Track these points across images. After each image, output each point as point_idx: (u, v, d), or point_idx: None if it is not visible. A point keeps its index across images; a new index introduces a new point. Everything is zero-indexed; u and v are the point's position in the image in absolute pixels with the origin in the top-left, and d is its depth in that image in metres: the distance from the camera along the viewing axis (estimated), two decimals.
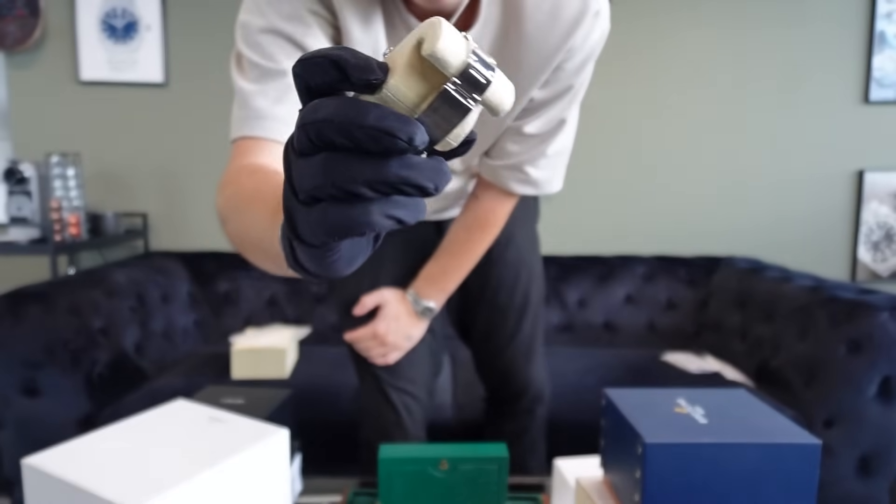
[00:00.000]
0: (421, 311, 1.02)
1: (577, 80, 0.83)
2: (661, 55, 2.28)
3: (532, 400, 1.19)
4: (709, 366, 1.72)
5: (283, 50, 0.71)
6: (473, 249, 1.00)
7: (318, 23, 0.71)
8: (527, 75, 0.78)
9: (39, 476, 0.54)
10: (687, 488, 0.53)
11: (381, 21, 0.74)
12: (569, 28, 0.74)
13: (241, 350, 1.61)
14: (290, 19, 0.71)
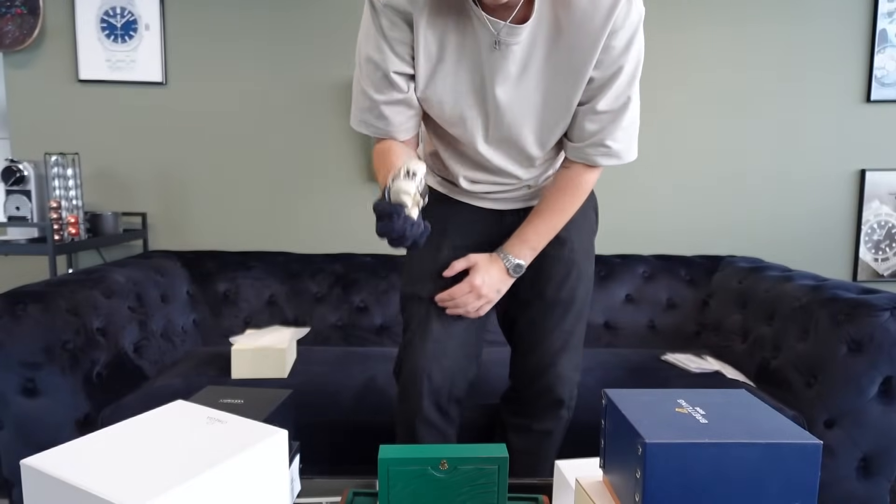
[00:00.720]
0: (512, 268, 1.13)
1: (626, 59, 0.97)
2: (662, 55, 2.27)
3: (558, 401, 1.22)
4: (709, 366, 1.72)
5: (376, 74, 1.01)
6: (564, 210, 1.13)
7: (394, 46, 0.98)
8: (581, 56, 0.95)
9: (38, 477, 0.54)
10: (687, 488, 0.53)
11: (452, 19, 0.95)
12: (608, 13, 0.91)
13: (240, 350, 1.61)
14: (375, 49, 0.99)
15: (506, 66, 0.97)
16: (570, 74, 0.97)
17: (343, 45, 2.23)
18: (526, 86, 1.00)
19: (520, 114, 1.03)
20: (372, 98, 1.02)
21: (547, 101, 1.01)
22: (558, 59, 0.96)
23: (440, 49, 0.98)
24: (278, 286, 2.09)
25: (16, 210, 1.90)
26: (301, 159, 2.28)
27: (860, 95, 2.31)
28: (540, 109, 1.03)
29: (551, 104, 1.01)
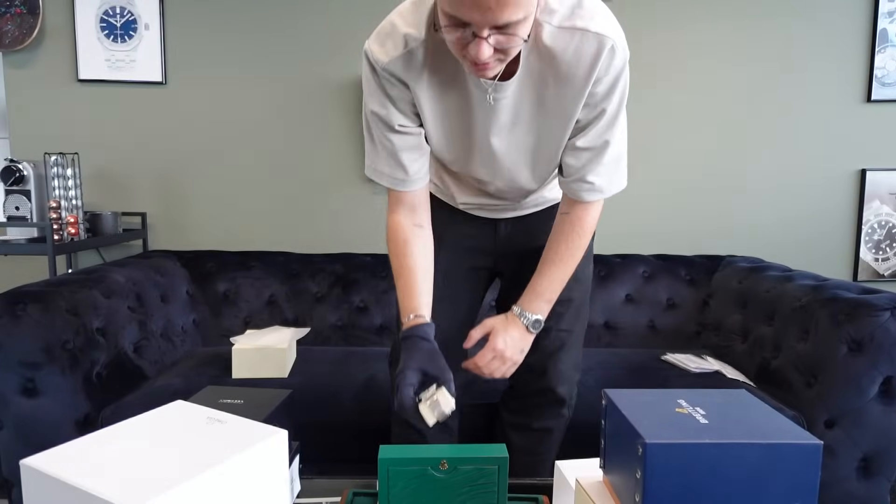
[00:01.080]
0: (531, 325, 1.12)
1: (608, 103, 0.99)
2: (662, 55, 2.27)
3: (559, 400, 1.24)
4: (709, 366, 1.71)
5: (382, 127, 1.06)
6: (573, 256, 1.13)
7: (396, 102, 1.03)
8: (568, 104, 0.99)
9: (38, 477, 0.54)
10: (687, 488, 0.53)
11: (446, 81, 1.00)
12: (591, 63, 0.94)
13: (240, 350, 1.61)
14: (379, 106, 1.04)
15: (498, 118, 1.02)
16: (558, 119, 1.02)
17: (343, 45, 2.23)
18: (518, 133, 1.05)
19: (515, 157, 1.09)
20: (384, 147, 1.06)
21: (539, 143, 1.06)
22: (547, 107, 1.00)
23: (437, 109, 1.03)
24: (278, 286, 2.09)
25: (15, 210, 1.89)
26: (301, 159, 2.28)
27: (860, 95, 2.31)
28: (533, 151, 1.08)
29: (544, 146, 1.06)
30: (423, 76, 0.99)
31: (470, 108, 1.02)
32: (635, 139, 2.31)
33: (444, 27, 0.84)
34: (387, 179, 1.08)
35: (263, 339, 1.69)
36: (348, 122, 2.27)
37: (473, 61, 0.85)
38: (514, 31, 0.82)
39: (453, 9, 0.80)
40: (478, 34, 0.81)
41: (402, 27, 0.96)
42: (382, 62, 0.99)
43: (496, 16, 0.78)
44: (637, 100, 2.29)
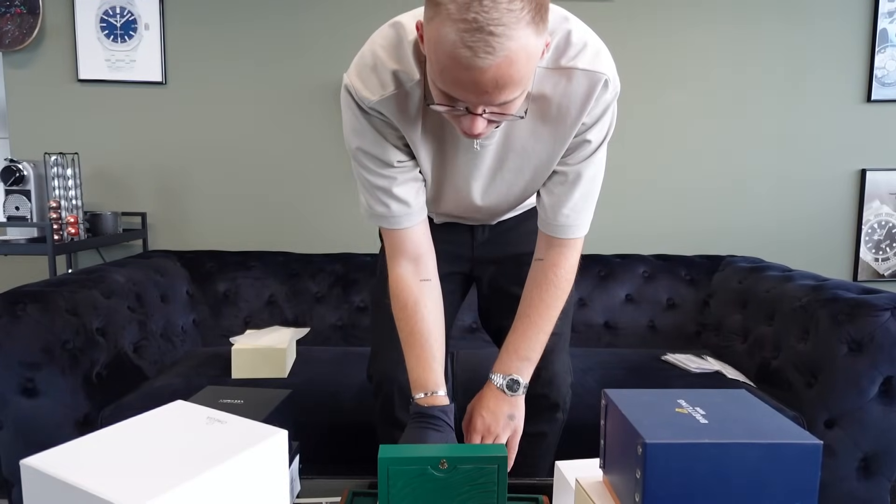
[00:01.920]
0: (504, 387, 1.02)
1: (591, 134, 0.97)
2: (662, 54, 2.27)
3: (553, 405, 1.20)
4: (709, 366, 1.71)
5: (376, 164, 0.98)
6: (549, 310, 1.05)
7: (388, 138, 0.96)
8: (559, 139, 0.97)
9: (38, 477, 0.53)
10: (687, 488, 0.53)
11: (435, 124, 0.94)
12: (583, 101, 0.93)
13: (240, 350, 1.61)
14: (372, 144, 0.96)
15: (485, 159, 0.99)
16: (546, 157, 1.00)
17: (343, 45, 2.23)
18: (502, 176, 1.03)
19: (502, 192, 1.06)
20: (379, 186, 0.99)
21: (527, 178, 1.03)
22: (535, 147, 0.98)
23: (429, 149, 0.99)
24: (278, 286, 2.09)
25: (15, 210, 1.89)
26: (301, 159, 2.28)
27: (860, 95, 2.31)
28: (521, 186, 1.05)
29: (528, 183, 1.04)
30: (414, 116, 0.94)
31: (455, 150, 0.98)
32: (635, 139, 2.32)
33: (436, 102, 0.80)
34: (386, 220, 1.01)
35: (263, 339, 1.69)
36: None
37: (465, 131, 0.82)
38: (510, 108, 0.80)
39: (448, 88, 0.76)
40: (472, 111, 0.78)
41: (389, 63, 0.89)
42: (370, 101, 0.91)
43: (493, 98, 0.75)
44: (636, 101, 2.29)
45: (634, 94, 2.29)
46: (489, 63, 0.71)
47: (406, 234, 1.01)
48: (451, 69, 0.73)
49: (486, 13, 0.68)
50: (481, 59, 0.70)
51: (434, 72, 0.77)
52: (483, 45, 0.69)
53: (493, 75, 0.72)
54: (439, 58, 0.74)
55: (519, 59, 0.72)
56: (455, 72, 0.73)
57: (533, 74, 0.81)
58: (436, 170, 1.02)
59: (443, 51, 0.72)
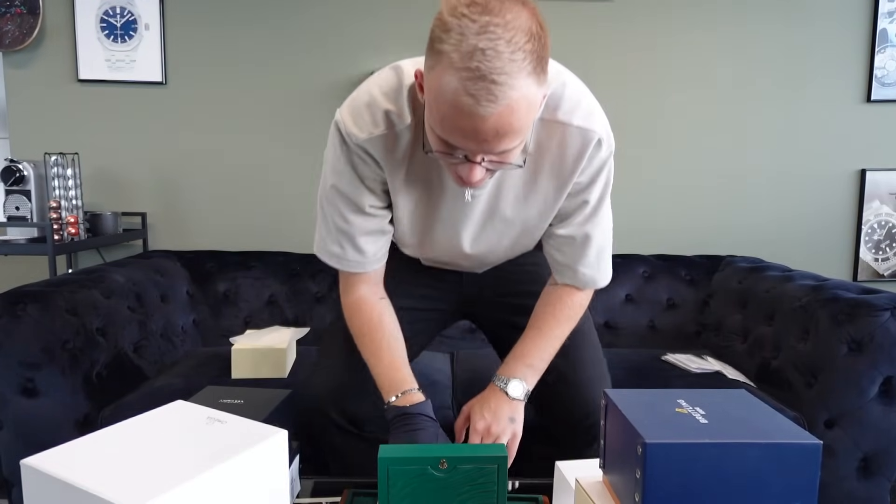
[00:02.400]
0: (506, 388, 1.01)
1: (590, 195, 0.98)
2: (662, 54, 2.27)
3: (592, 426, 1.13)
4: (709, 366, 1.71)
5: (344, 205, 0.98)
6: (560, 326, 1.06)
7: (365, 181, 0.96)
8: (553, 194, 0.97)
9: (38, 477, 0.54)
10: (687, 488, 0.53)
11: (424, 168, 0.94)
12: (576, 158, 0.93)
13: (240, 350, 1.60)
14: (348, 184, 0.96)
15: (475, 208, 0.98)
16: (539, 211, 1.00)
17: (343, 45, 2.23)
18: (497, 220, 1.01)
19: (493, 241, 1.05)
20: (339, 228, 0.98)
21: (517, 230, 1.03)
22: (528, 199, 0.98)
23: (409, 194, 0.97)
24: (278, 286, 2.09)
25: (15, 210, 1.89)
26: (301, 159, 2.28)
27: (860, 95, 2.31)
28: (512, 237, 1.05)
29: (521, 231, 1.04)
30: (401, 160, 0.93)
31: (442, 198, 0.97)
32: (635, 139, 2.32)
33: (435, 149, 0.80)
34: (344, 263, 1.01)
35: (263, 339, 1.69)
36: None
37: (462, 179, 0.82)
38: (509, 157, 0.80)
39: (448, 135, 0.76)
40: (471, 159, 0.78)
41: (383, 103, 0.89)
42: (358, 138, 0.90)
43: (493, 146, 0.75)
44: (636, 101, 2.29)
45: (634, 94, 2.29)
46: (491, 111, 0.71)
47: (359, 275, 1.03)
48: (453, 117, 0.73)
49: (489, 62, 0.69)
50: (483, 108, 0.71)
51: (434, 119, 0.77)
52: (485, 94, 0.70)
53: (494, 124, 0.72)
54: (440, 105, 0.74)
55: (520, 108, 0.72)
56: (456, 119, 0.73)
57: (532, 124, 0.82)
58: (419, 218, 1.01)
59: (444, 98, 0.73)
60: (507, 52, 0.69)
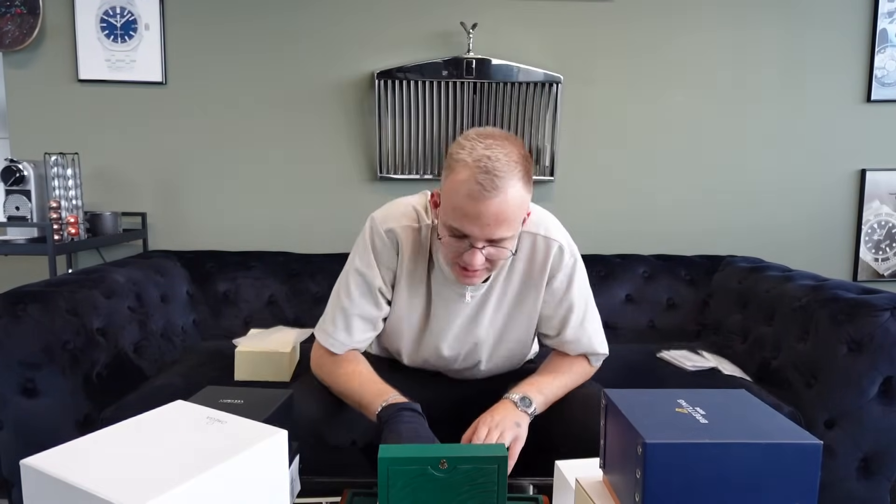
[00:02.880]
0: (518, 400, 1.08)
1: (572, 297, 1.17)
2: (662, 54, 2.27)
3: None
4: (705, 362, 1.71)
5: (358, 286, 1.16)
6: (571, 367, 1.20)
7: (380, 267, 1.14)
8: (528, 295, 1.17)
9: (38, 477, 0.54)
10: (687, 488, 0.53)
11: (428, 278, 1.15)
12: (542, 262, 1.14)
13: (244, 352, 1.60)
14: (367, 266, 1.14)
15: (465, 309, 1.16)
16: (521, 310, 1.18)
17: (343, 45, 2.23)
18: (483, 317, 1.17)
19: (478, 341, 1.19)
20: (343, 307, 1.15)
21: (502, 333, 1.20)
22: (511, 299, 1.17)
23: (410, 293, 1.16)
24: (278, 286, 2.09)
25: (15, 210, 1.89)
26: (301, 159, 2.28)
27: (860, 95, 2.31)
28: (496, 340, 1.20)
29: (506, 335, 1.20)
30: (415, 255, 1.13)
31: (435, 301, 1.16)
32: (635, 139, 2.32)
33: (445, 237, 1.01)
34: (326, 338, 1.17)
35: (267, 341, 1.68)
36: (348, 122, 2.27)
37: (465, 267, 1.02)
38: (504, 245, 1.01)
39: (458, 223, 0.98)
40: (474, 245, 0.99)
41: (413, 204, 1.15)
42: (388, 225, 1.12)
43: (492, 231, 0.97)
44: (636, 101, 2.29)
45: (634, 95, 2.29)
46: (493, 197, 0.94)
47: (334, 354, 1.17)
48: (463, 204, 0.96)
49: (492, 163, 0.94)
50: (487, 193, 0.94)
51: (447, 212, 0.99)
52: (489, 183, 0.94)
53: (494, 210, 0.95)
54: (453, 197, 0.97)
55: (514, 200, 0.97)
56: (466, 204, 0.95)
57: (521, 222, 1.03)
58: (416, 315, 1.17)
59: (457, 190, 0.96)
60: (505, 160, 0.95)
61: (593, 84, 2.27)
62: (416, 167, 2.23)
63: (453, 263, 1.05)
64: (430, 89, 2.16)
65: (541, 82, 2.18)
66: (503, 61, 2.17)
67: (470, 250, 0.99)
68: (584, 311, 1.18)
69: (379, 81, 2.16)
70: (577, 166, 2.31)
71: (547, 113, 2.22)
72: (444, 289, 1.15)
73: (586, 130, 2.30)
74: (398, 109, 2.19)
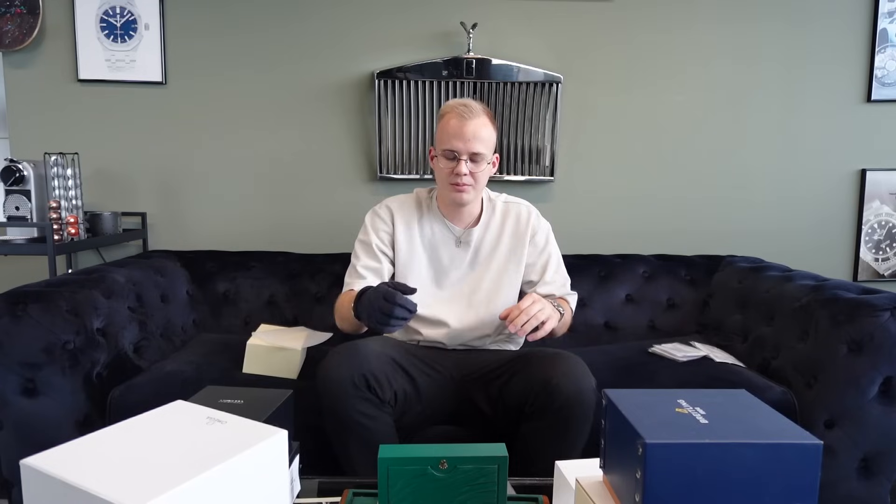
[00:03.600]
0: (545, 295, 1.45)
1: (549, 249, 1.57)
2: (661, 54, 2.27)
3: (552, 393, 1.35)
4: (696, 352, 1.70)
5: (361, 248, 1.55)
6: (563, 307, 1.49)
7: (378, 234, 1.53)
8: (517, 247, 1.54)
9: (38, 477, 0.54)
10: (688, 488, 0.53)
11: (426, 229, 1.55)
12: (526, 220, 1.55)
13: (255, 345, 1.59)
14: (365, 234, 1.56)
15: (464, 256, 1.53)
16: (510, 263, 1.52)
17: (343, 45, 2.23)
18: (477, 271, 1.52)
19: (472, 288, 1.51)
20: (354, 265, 1.50)
21: (495, 280, 1.51)
22: (500, 253, 1.53)
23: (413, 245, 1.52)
24: (278, 286, 2.09)
25: (15, 210, 1.89)
26: (301, 159, 2.28)
27: (860, 95, 2.31)
28: (490, 286, 1.50)
29: (498, 281, 1.51)
30: (408, 216, 1.53)
31: (437, 247, 1.52)
32: (635, 139, 2.32)
33: (441, 161, 1.43)
34: (345, 287, 1.49)
35: (281, 338, 1.66)
36: (348, 122, 2.27)
37: (456, 180, 1.41)
38: (480, 159, 1.42)
39: (448, 143, 1.41)
40: (459, 158, 1.41)
41: (408, 195, 1.60)
42: (385, 203, 1.56)
43: (473, 145, 1.40)
44: (636, 101, 2.29)
45: (634, 95, 2.29)
46: (471, 119, 1.41)
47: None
48: (450, 127, 1.41)
49: (468, 102, 1.44)
50: (466, 117, 1.41)
51: (440, 141, 1.44)
52: (468, 112, 1.41)
53: (472, 128, 1.40)
54: (444, 129, 1.43)
55: (485, 125, 1.43)
56: (453, 127, 1.41)
57: (492, 151, 1.45)
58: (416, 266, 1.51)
59: (447, 122, 1.43)
60: (476, 105, 1.44)
61: (593, 84, 2.27)
62: (416, 167, 2.23)
63: (449, 184, 1.43)
64: (430, 89, 2.16)
65: (541, 82, 2.18)
66: (503, 61, 2.17)
67: (457, 163, 1.40)
68: (557, 262, 1.57)
69: (379, 81, 2.16)
70: (577, 166, 2.31)
71: (547, 113, 2.22)
72: (444, 235, 1.52)
73: (586, 130, 2.30)
74: (398, 109, 2.19)
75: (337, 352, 1.31)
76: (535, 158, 2.24)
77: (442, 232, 1.52)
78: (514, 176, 2.24)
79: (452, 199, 1.45)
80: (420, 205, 1.55)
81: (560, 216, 2.32)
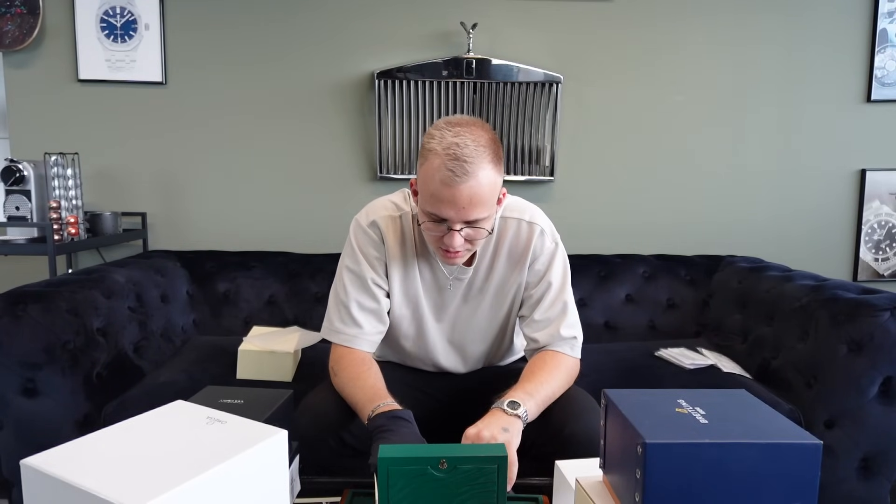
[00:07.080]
0: (507, 404, 1.02)
1: (552, 276, 1.21)
2: (661, 55, 2.27)
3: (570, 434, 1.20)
4: (704, 360, 1.70)
5: (351, 280, 1.20)
6: (552, 372, 1.14)
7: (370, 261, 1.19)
8: (513, 275, 1.22)
9: (38, 477, 0.54)
10: (687, 488, 0.53)
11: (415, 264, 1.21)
12: (525, 245, 1.20)
13: (246, 351, 1.59)
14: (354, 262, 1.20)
15: (455, 294, 1.23)
16: (505, 291, 1.23)
17: (343, 45, 2.23)
18: (471, 305, 1.24)
19: (467, 326, 1.25)
20: (345, 303, 1.18)
21: (490, 316, 1.25)
22: (496, 283, 1.22)
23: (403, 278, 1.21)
24: (278, 286, 2.09)
25: (16, 210, 1.89)
26: (301, 159, 2.28)
27: (860, 95, 2.31)
28: (484, 323, 1.25)
29: (493, 318, 1.25)
30: (400, 243, 1.19)
31: (426, 286, 1.22)
32: (635, 139, 2.32)
33: (424, 223, 1.07)
34: (340, 337, 1.19)
35: (272, 341, 1.67)
36: (348, 122, 2.27)
37: (447, 249, 1.07)
38: (481, 225, 1.06)
39: (434, 208, 1.03)
40: (452, 227, 1.04)
41: (391, 199, 1.23)
42: (369, 219, 1.19)
43: (467, 213, 1.02)
44: (636, 101, 2.29)
45: (634, 95, 2.29)
46: (464, 182, 0.99)
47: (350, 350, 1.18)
48: (437, 191, 1.01)
49: (461, 150, 1.00)
50: (458, 179, 0.99)
51: (424, 199, 1.05)
52: (460, 169, 0.99)
53: (467, 193, 1.00)
54: (428, 185, 1.03)
55: (485, 183, 1.01)
56: (440, 191, 1.01)
57: (495, 203, 1.08)
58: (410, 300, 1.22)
59: (431, 177, 1.02)
60: (473, 146, 1.00)
61: (593, 84, 2.27)
62: (416, 167, 2.23)
63: (436, 247, 1.10)
64: (430, 89, 2.16)
65: (541, 82, 2.18)
66: (503, 61, 2.17)
67: (449, 233, 1.05)
68: (556, 293, 1.20)
69: (379, 81, 2.16)
70: (577, 166, 2.31)
71: (547, 113, 2.22)
72: (434, 271, 1.21)
73: (586, 130, 2.30)
74: (398, 109, 2.19)
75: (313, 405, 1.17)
76: (535, 158, 2.24)
77: (430, 274, 1.22)
78: (514, 176, 2.24)
79: (442, 261, 1.16)
80: (405, 233, 1.20)
81: (560, 216, 2.31)
